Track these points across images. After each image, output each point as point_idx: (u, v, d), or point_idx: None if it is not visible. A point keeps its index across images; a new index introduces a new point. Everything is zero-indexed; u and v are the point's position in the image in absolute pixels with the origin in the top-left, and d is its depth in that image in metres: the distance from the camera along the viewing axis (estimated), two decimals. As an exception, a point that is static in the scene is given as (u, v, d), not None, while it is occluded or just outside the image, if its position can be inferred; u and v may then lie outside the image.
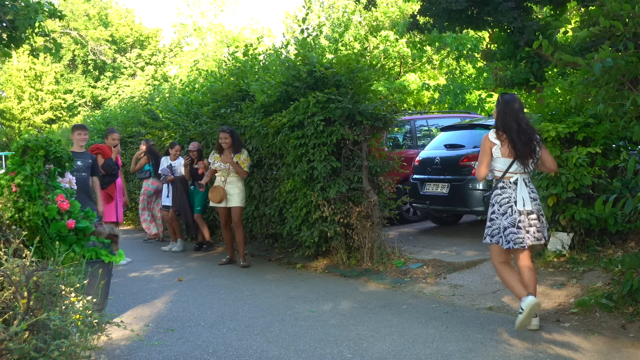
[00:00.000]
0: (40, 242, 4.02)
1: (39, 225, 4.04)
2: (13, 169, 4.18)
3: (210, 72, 10.42)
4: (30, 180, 4.09)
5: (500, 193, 4.10)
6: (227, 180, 6.93)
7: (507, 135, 4.06)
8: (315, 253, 6.73)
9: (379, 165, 6.71)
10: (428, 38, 16.91)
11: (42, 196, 4.12)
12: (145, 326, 4.46)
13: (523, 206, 4.00)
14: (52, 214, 4.09)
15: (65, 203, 4.16)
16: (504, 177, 4.09)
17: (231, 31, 34.17)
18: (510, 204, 4.04)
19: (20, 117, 31.52)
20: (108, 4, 35.30)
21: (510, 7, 9.59)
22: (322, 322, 4.46)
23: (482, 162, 4.15)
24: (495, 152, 4.10)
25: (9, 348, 2.41)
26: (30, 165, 4.15)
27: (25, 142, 4.28)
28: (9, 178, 4.14)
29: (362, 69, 6.57)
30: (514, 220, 4.00)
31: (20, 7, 7.51)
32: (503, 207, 4.06)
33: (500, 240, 4.09)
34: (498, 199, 4.10)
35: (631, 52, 3.81)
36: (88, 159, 6.56)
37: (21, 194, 4.06)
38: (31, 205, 4.02)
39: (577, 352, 3.66)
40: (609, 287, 4.62)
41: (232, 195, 6.92)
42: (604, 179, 5.46)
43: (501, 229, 4.07)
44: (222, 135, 6.91)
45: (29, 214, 4.00)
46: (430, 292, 5.33)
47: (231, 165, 6.87)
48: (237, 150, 6.94)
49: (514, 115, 4.07)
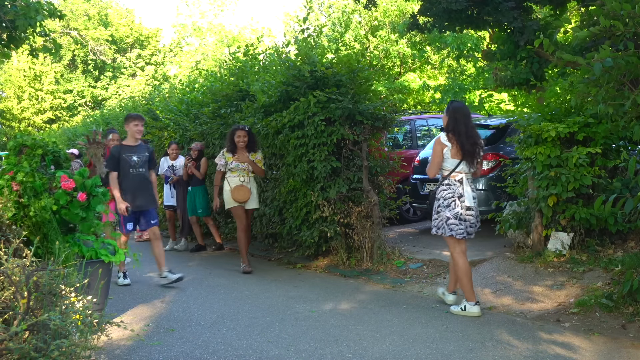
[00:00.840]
0: (45, 238, 4.02)
1: (46, 220, 4.02)
2: (10, 169, 4.16)
3: (210, 72, 10.43)
4: (32, 177, 4.08)
5: (445, 189, 4.56)
6: (248, 180, 6.59)
7: (457, 138, 4.51)
8: (315, 253, 6.73)
9: (379, 165, 6.70)
10: (428, 38, 16.91)
11: (47, 189, 4.11)
12: (145, 326, 4.46)
13: (469, 202, 4.49)
14: (63, 200, 4.08)
15: (69, 182, 4.15)
16: (450, 175, 4.55)
17: (231, 31, 34.18)
18: (454, 199, 4.51)
19: (20, 117, 31.52)
20: (108, 4, 35.30)
21: (510, 7, 9.59)
22: (322, 322, 4.46)
23: (434, 162, 4.61)
24: (446, 153, 4.55)
25: (9, 348, 2.41)
26: (28, 162, 4.14)
27: (23, 141, 4.27)
28: (8, 178, 4.12)
29: (363, 69, 6.57)
30: (457, 213, 4.48)
31: (20, 7, 7.51)
32: (447, 201, 4.53)
33: (442, 230, 4.55)
34: (443, 193, 4.57)
35: (631, 52, 3.81)
36: (145, 152, 5.94)
37: (25, 191, 4.04)
38: (37, 200, 4.01)
39: (577, 352, 3.66)
40: (609, 287, 4.62)
41: (252, 197, 6.63)
42: (604, 179, 5.46)
43: (444, 219, 4.52)
44: (240, 133, 6.54)
45: (35, 210, 3.98)
46: (430, 292, 5.33)
47: (250, 164, 6.56)
48: (253, 149, 6.63)
49: (464, 121, 4.56)
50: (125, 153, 5.83)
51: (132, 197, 5.76)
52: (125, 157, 5.82)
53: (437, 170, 4.61)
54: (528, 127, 5.63)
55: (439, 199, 4.59)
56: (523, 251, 5.87)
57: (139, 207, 5.85)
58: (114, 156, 5.81)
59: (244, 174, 6.58)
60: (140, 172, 5.84)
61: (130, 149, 5.89)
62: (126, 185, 5.77)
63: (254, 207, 6.75)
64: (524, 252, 5.83)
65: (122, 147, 5.89)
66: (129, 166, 5.81)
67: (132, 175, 5.82)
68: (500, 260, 5.84)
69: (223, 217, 8.69)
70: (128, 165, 5.81)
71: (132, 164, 5.82)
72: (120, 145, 5.94)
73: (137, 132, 5.90)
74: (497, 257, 5.95)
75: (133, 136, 5.91)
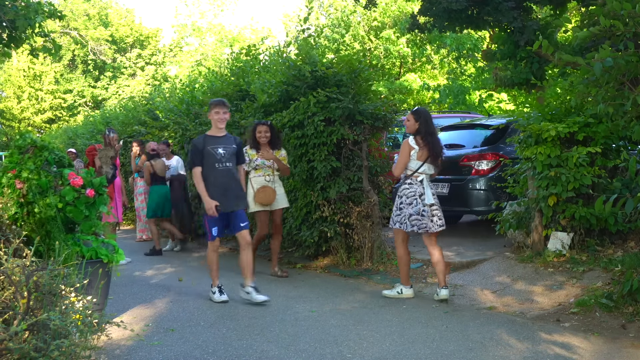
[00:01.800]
0: (48, 235, 4.02)
1: (50, 217, 4.01)
2: (12, 167, 4.14)
3: (211, 71, 10.43)
4: (38, 174, 4.07)
5: (408, 187, 4.95)
6: (273, 179, 6.12)
7: (430, 141, 4.90)
8: (315, 253, 6.73)
9: (379, 165, 6.70)
10: (428, 37, 16.91)
11: (52, 187, 4.11)
12: (145, 326, 4.46)
13: (429, 200, 4.89)
14: (69, 197, 4.07)
15: (78, 179, 4.14)
16: (412, 175, 4.94)
17: (231, 31, 34.19)
18: (416, 197, 4.91)
19: (20, 117, 31.52)
20: (108, 4, 35.29)
21: (510, 7, 9.59)
22: (322, 322, 4.46)
23: (401, 163, 4.97)
24: (413, 155, 4.92)
25: (9, 348, 2.41)
26: (32, 161, 4.13)
27: (32, 141, 4.23)
28: (10, 176, 4.11)
29: (364, 69, 6.57)
30: (419, 210, 4.88)
31: (20, 7, 7.52)
32: (409, 199, 4.92)
33: (404, 226, 4.94)
34: (406, 192, 4.96)
35: (631, 51, 3.82)
36: (232, 144, 5.16)
37: (30, 188, 4.03)
38: (41, 198, 4.00)
39: (577, 352, 3.66)
40: (609, 287, 4.62)
41: (279, 196, 6.14)
42: (604, 179, 5.46)
43: (406, 216, 4.90)
44: (261, 128, 6.04)
45: (40, 207, 3.97)
46: (430, 292, 5.33)
47: (275, 161, 6.06)
48: (277, 146, 6.13)
49: (432, 125, 4.97)
50: (209, 145, 5.07)
51: (219, 197, 5.02)
52: (210, 149, 5.06)
53: (402, 170, 4.99)
54: (528, 127, 5.63)
55: (401, 196, 4.97)
56: (523, 251, 5.87)
57: (227, 209, 5.08)
58: (197, 148, 5.06)
59: (269, 172, 6.09)
60: (227, 167, 5.08)
61: (215, 140, 5.11)
62: (211, 183, 5.03)
63: (284, 206, 6.23)
64: (524, 252, 5.82)
65: (206, 138, 5.12)
66: (214, 160, 5.04)
67: (219, 170, 5.05)
68: (500, 260, 5.84)
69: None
70: (213, 159, 5.04)
71: (218, 158, 5.05)
72: (204, 136, 5.17)
73: (219, 121, 5.12)
74: (497, 257, 5.95)
75: (216, 126, 5.14)
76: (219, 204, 4.98)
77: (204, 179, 5.02)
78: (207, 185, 5.01)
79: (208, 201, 4.96)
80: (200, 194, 5.03)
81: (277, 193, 6.09)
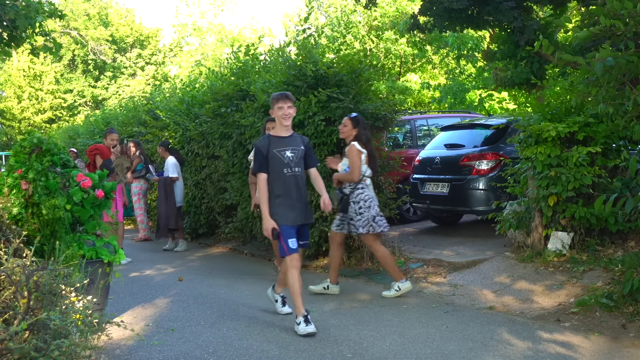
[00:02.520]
0: (53, 235, 4.01)
1: (57, 218, 4.01)
2: (18, 167, 4.13)
3: (212, 71, 10.43)
4: (45, 175, 4.06)
5: (362, 192, 5.12)
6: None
7: (369, 147, 5.18)
8: (315, 253, 6.73)
9: (379, 165, 6.70)
10: (429, 37, 16.91)
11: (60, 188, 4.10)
12: (145, 326, 4.46)
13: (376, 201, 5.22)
14: (77, 197, 4.08)
15: (86, 181, 4.15)
16: (362, 179, 5.15)
17: (231, 31, 34.19)
18: (371, 198, 5.15)
19: (20, 117, 31.53)
20: (108, 4, 35.29)
21: (511, 6, 9.58)
22: (322, 322, 4.46)
23: (358, 167, 5.10)
24: (363, 159, 5.13)
25: (9, 348, 2.41)
26: (39, 162, 4.11)
27: (39, 142, 4.21)
28: (17, 176, 4.09)
29: (364, 69, 6.57)
30: (377, 211, 5.14)
31: (21, 7, 7.52)
32: (368, 202, 5.11)
33: (372, 228, 5.06)
34: (362, 196, 5.11)
35: (632, 51, 3.82)
36: (300, 145, 4.35)
37: (36, 189, 4.02)
38: (48, 199, 3.99)
39: (577, 352, 3.66)
40: (609, 286, 4.62)
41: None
42: (604, 179, 5.46)
43: (370, 219, 5.05)
44: (271, 125, 5.56)
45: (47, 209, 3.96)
46: (430, 292, 5.33)
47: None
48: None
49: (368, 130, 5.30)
50: (275, 147, 4.28)
51: (287, 209, 4.27)
52: (275, 153, 4.27)
53: (360, 174, 5.12)
54: (528, 126, 5.63)
55: (358, 202, 5.09)
56: (523, 251, 5.86)
57: (295, 221, 4.30)
58: (260, 152, 4.28)
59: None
60: (295, 173, 4.31)
61: (281, 141, 4.30)
62: (279, 192, 4.26)
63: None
64: (524, 252, 5.82)
65: (271, 140, 4.32)
66: (282, 165, 4.26)
67: (287, 177, 4.27)
68: (500, 260, 5.84)
69: (223, 217, 8.69)
70: (281, 164, 4.26)
71: (286, 162, 4.27)
72: (267, 137, 4.39)
73: (284, 117, 4.29)
74: (497, 257, 5.95)
75: (281, 123, 4.32)
76: (287, 218, 4.26)
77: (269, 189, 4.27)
78: (272, 195, 4.26)
79: (267, 220, 4.21)
80: (260, 207, 4.28)
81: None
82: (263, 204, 4.24)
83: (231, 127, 7.83)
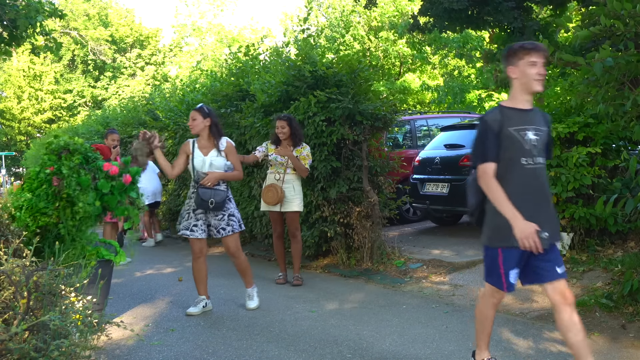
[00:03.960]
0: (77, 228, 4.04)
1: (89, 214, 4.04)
2: (51, 164, 4.13)
3: (211, 72, 10.43)
4: (77, 172, 4.06)
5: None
6: (283, 178, 5.74)
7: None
8: (315, 253, 6.73)
9: (379, 165, 6.71)
10: (428, 38, 16.90)
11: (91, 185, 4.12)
12: (145, 326, 4.46)
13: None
14: (106, 189, 4.10)
15: (113, 168, 4.17)
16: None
17: (231, 31, 34.18)
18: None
19: (20, 117, 31.53)
20: (108, 4, 35.32)
21: (511, 7, 9.58)
22: (322, 322, 4.46)
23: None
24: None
25: (9, 348, 2.41)
26: (69, 161, 4.12)
27: (65, 144, 4.22)
28: (49, 172, 4.10)
29: (364, 69, 6.57)
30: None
31: (21, 7, 7.53)
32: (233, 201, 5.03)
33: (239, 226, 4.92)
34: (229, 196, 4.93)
35: (632, 51, 3.82)
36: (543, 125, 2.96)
37: (69, 185, 4.02)
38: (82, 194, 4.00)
39: (577, 352, 3.65)
40: (609, 287, 4.62)
41: (289, 198, 5.74)
42: (604, 179, 5.46)
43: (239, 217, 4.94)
44: (279, 123, 5.72)
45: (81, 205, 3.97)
46: (430, 292, 5.33)
47: (290, 159, 5.66)
48: (298, 144, 5.76)
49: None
50: (512, 124, 2.89)
51: (529, 216, 2.82)
52: (512, 132, 2.88)
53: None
54: (528, 127, 5.63)
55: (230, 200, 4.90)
56: (523, 251, 5.86)
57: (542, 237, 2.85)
58: (490, 130, 2.89)
59: (281, 170, 5.72)
60: (539, 166, 2.90)
61: (521, 116, 2.91)
62: (514, 191, 2.85)
63: (293, 209, 5.76)
64: (524, 252, 5.81)
65: (504, 113, 2.92)
66: (520, 152, 2.88)
67: (526, 170, 2.88)
68: (500, 260, 5.83)
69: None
70: (519, 150, 2.88)
71: (526, 148, 2.87)
72: (498, 109, 2.97)
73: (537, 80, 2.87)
74: (497, 257, 5.94)
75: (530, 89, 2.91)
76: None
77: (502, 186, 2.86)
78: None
79: (520, 224, 2.79)
80: (499, 209, 2.85)
81: (287, 194, 5.71)
82: (502, 205, 2.83)
83: (231, 127, 7.83)
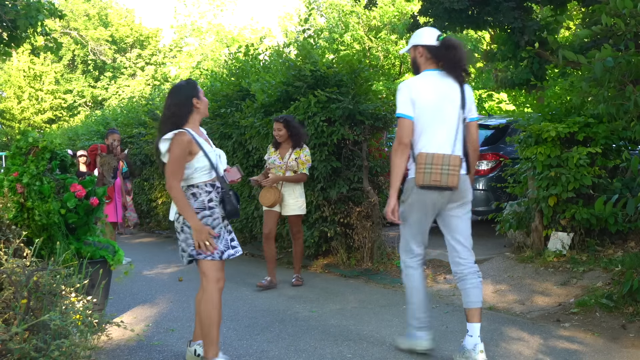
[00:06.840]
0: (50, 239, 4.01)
1: (52, 223, 4.00)
2: (15, 170, 4.12)
3: (212, 72, 10.43)
4: (40, 180, 4.04)
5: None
6: (282, 182, 5.65)
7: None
8: (315, 253, 6.73)
9: (379, 165, 6.70)
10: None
11: (54, 193, 4.09)
12: (145, 326, 4.45)
13: None
14: (71, 204, 4.07)
15: (81, 191, 4.15)
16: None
17: (230, 31, 34.18)
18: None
19: (20, 117, 31.51)
20: (108, 4, 35.28)
21: (511, 7, 9.58)
22: (322, 322, 4.46)
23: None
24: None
25: (9, 348, 2.41)
26: (35, 165, 4.10)
27: (34, 142, 4.20)
28: (12, 179, 4.08)
29: (364, 69, 6.57)
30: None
31: (21, 7, 7.53)
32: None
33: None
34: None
35: (632, 51, 3.82)
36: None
37: (29, 194, 4.00)
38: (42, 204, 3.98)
39: (577, 352, 3.66)
40: (609, 287, 4.62)
41: (290, 202, 5.64)
42: (604, 179, 5.46)
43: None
44: (275, 126, 5.64)
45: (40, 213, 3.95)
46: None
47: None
48: (298, 145, 5.65)
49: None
50: None
51: None
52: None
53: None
54: (528, 127, 5.63)
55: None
56: (523, 251, 5.87)
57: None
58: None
59: (280, 173, 5.64)
60: None
61: None
62: None
63: (293, 213, 5.67)
64: (524, 252, 5.82)
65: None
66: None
67: None
68: (500, 260, 5.84)
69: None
70: None
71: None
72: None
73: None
74: (497, 257, 5.95)
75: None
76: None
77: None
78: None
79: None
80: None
81: (287, 198, 5.62)
82: None
83: (231, 127, 7.83)
